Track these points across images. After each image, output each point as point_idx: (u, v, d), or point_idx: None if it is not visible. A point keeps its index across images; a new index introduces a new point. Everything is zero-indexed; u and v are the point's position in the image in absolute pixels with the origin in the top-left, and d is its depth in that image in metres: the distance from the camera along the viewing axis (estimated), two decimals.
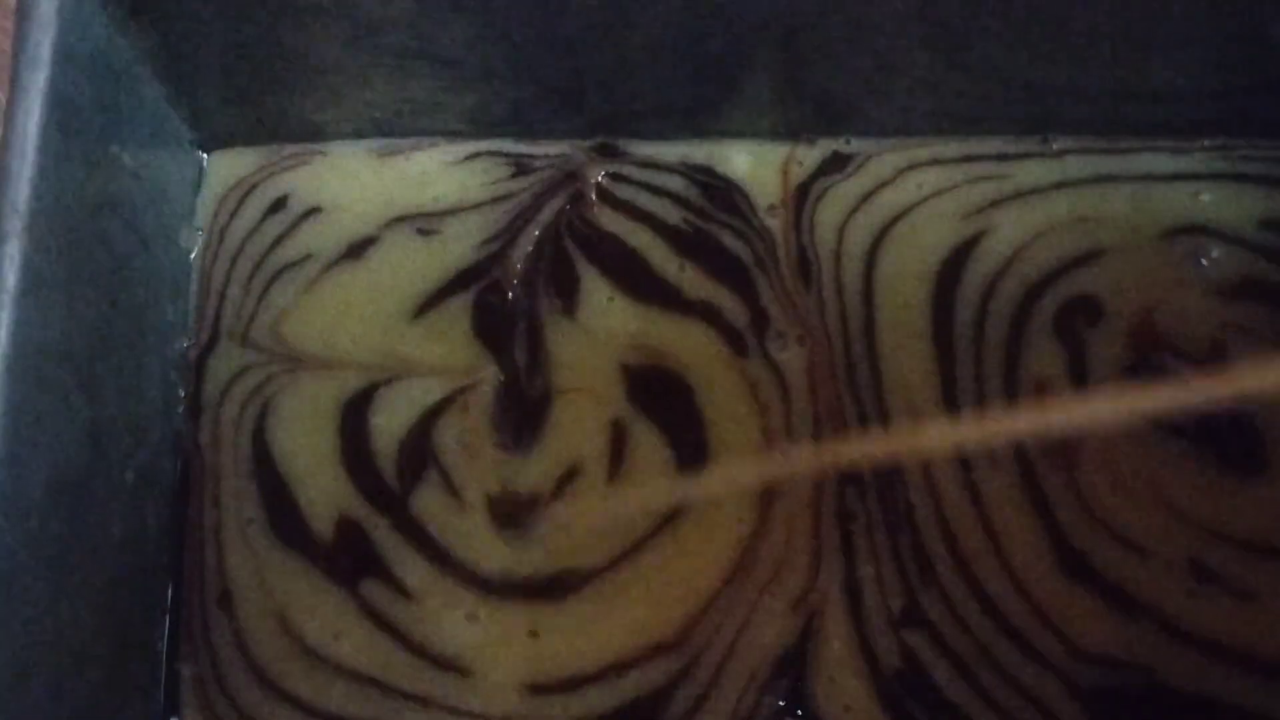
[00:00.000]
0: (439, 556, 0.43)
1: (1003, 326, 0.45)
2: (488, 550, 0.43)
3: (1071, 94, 0.45)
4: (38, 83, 0.37)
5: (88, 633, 0.38)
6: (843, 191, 0.47)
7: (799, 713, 0.41)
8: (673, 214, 0.47)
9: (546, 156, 0.48)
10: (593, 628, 0.42)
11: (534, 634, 0.42)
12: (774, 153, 0.47)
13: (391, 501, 0.44)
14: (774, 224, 0.47)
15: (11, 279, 0.35)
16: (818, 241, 0.46)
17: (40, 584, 0.36)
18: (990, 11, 0.41)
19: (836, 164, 0.47)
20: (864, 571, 0.42)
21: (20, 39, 0.37)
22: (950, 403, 0.44)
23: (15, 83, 0.37)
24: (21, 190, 0.36)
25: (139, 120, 0.43)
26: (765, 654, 0.42)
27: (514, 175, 0.48)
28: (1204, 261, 0.45)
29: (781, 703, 0.41)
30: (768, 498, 0.43)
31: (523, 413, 0.44)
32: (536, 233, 0.46)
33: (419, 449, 0.44)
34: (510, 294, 0.46)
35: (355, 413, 0.45)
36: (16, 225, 0.35)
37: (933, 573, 0.42)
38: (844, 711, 0.41)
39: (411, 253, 0.47)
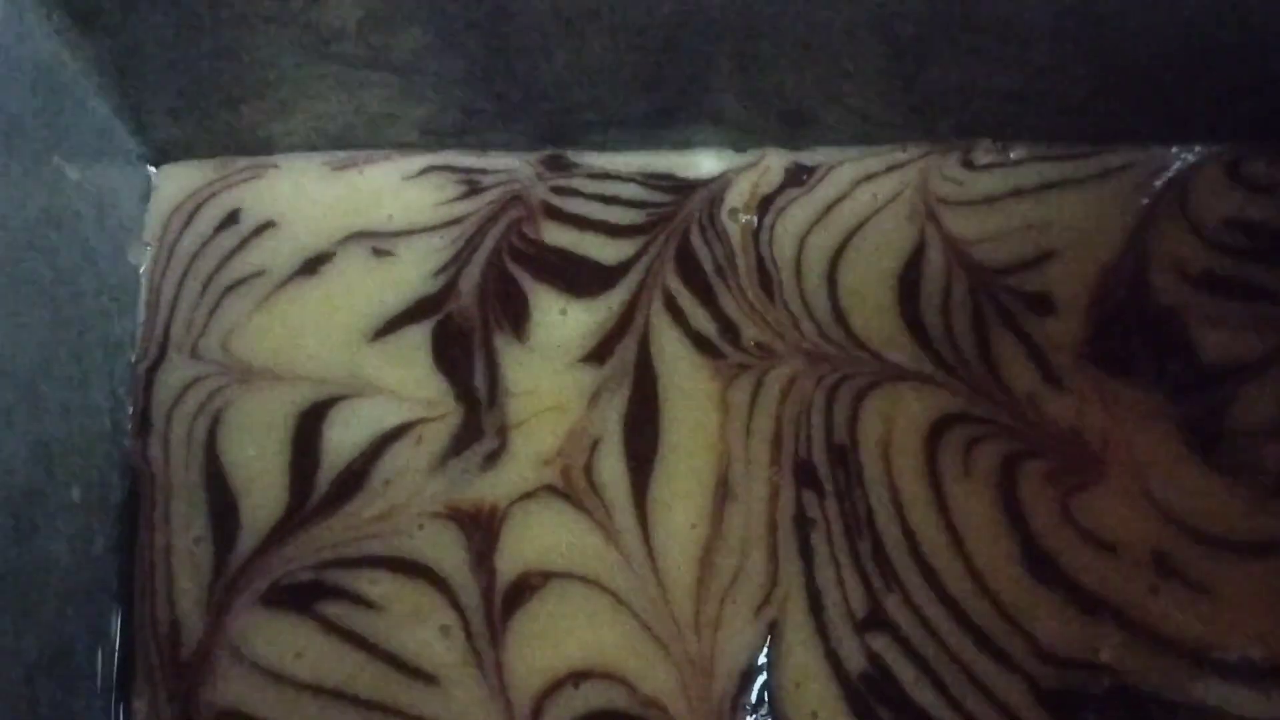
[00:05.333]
0: (402, 567, 0.43)
1: (966, 327, 0.45)
2: (451, 559, 0.43)
3: (1026, 100, 0.46)
4: None
5: (35, 661, 0.37)
6: (803, 205, 0.47)
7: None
8: (625, 217, 0.47)
9: (496, 172, 0.48)
10: (561, 635, 0.42)
11: (505, 643, 0.42)
12: (734, 161, 0.48)
13: (332, 517, 0.43)
14: (733, 229, 0.47)
15: None
16: (777, 255, 0.47)
17: None
18: (946, 22, 0.42)
19: (797, 176, 0.48)
20: (824, 575, 0.42)
21: None
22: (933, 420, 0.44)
23: None
24: None
25: (85, 133, 0.42)
26: (733, 663, 0.42)
27: (464, 195, 0.48)
28: (1160, 256, 0.46)
29: (750, 711, 0.41)
30: (720, 502, 0.43)
31: (476, 452, 0.44)
32: (483, 260, 0.46)
33: (363, 468, 0.44)
34: (466, 327, 0.46)
35: (310, 423, 0.44)
36: None
37: (895, 575, 0.42)
38: (811, 717, 0.41)
39: (367, 272, 0.46)
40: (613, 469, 0.44)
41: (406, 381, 0.45)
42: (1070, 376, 0.44)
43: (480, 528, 0.43)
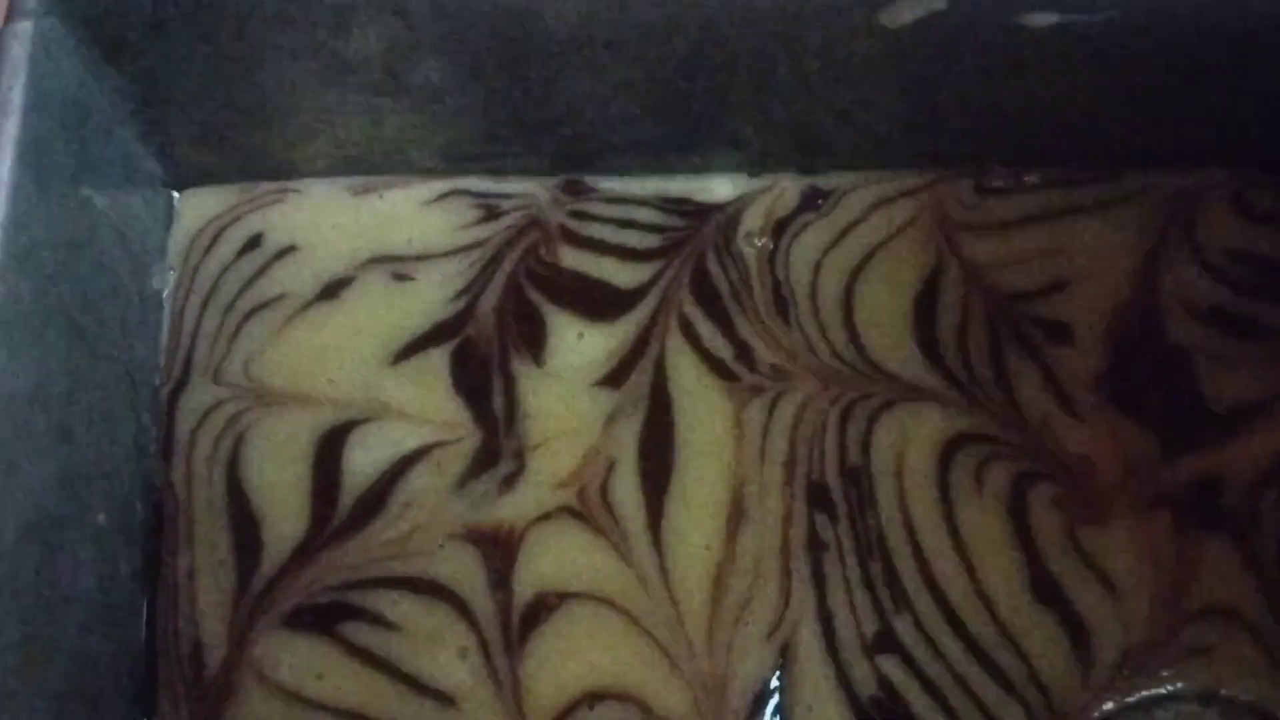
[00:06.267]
0: (421, 588, 0.43)
1: (983, 351, 0.46)
2: (470, 580, 0.43)
3: (1037, 125, 0.46)
4: (10, 127, 0.37)
5: (62, 684, 0.38)
6: (818, 229, 0.48)
7: None
8: (642, 241, 0.48)
9: (514, 197, 0.48)
10: (577, 655, 0.42)
11: (522, 663, 0.42)
12: (750, 186, 0.48)
13: (354, 539, 0.44)
14: (749, 253, 0.47)
15: None
16: (793, 278, 0.47)
17: (13, 633, 0.35)
18: (961, 49, 0.42)
19: (812, 200, 0.48)
20: (835, 598, 0.43)
21: None
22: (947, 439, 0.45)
23: None
24: None
25: (110, 161, 0.43)
26: (745, 684, 0.42)
27: (482, 220, 0.48)
28: (1170, 290, 0.46)
29: None
30: (734, 525, 0.44)
31: (494, 474, 0.45)
32: (501, 284, 0.47)
33: (384, 491, 0.44)
34: (485, 351, 0.46)
35: (331, 446, 0.45)
36: None
37: (905, 597, 0.43)
38: None
39: (387, 297, 0.47)
40: (628, 491, 0.44)
41: (426, 405, 0.45)
42: (1087, 409, 0.45)
43: (498, 549, 0.44)
